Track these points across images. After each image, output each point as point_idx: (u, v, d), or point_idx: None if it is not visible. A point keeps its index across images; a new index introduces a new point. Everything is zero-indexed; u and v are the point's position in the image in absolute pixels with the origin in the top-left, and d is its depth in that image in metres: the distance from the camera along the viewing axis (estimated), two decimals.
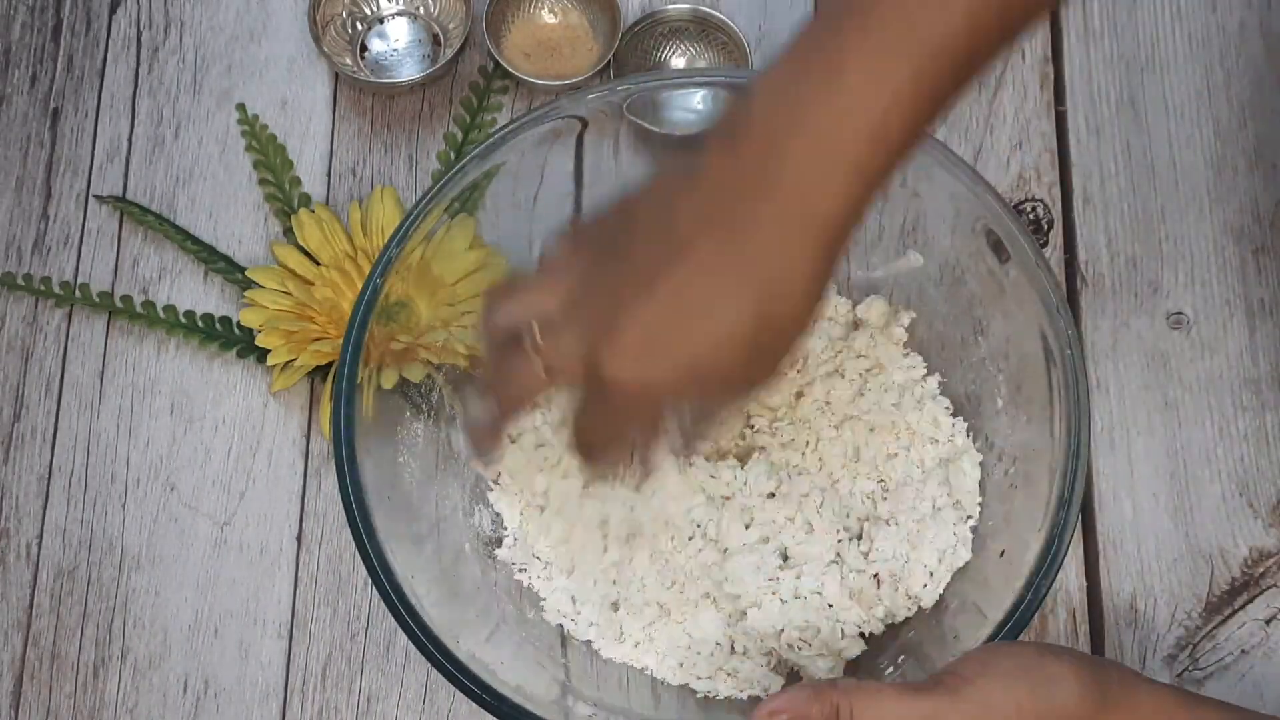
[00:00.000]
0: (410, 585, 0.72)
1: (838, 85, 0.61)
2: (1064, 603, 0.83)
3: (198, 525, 0.85)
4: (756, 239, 0.62)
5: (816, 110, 0.61)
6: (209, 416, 0.87)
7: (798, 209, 0.62)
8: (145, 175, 0.92)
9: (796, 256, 0.63)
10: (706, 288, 0.63)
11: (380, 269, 0.76)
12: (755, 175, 0.62)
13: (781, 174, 0.62)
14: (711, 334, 0.64)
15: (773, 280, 0.63)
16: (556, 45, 0.95)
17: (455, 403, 0.82)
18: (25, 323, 0.89)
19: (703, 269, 0.63)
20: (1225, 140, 0.92)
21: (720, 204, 0.63)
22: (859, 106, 0.61)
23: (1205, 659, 0.81)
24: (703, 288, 0.63)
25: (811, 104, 0.61)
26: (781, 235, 0.62)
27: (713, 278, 0.63)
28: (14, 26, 0.95)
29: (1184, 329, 0.88)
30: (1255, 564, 0.83)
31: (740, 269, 0.63)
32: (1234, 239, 0.90)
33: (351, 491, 0.72)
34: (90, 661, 0.82)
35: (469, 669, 0.70)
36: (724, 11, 0.93)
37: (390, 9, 0.95)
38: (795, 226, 0.62)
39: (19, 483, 0.86)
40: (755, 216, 0.62)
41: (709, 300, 0.63)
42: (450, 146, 0.92)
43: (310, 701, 0.82)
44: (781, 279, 0.63)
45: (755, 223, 0.62)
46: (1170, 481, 0.85)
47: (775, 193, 0.62)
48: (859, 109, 0.61)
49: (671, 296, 0.64)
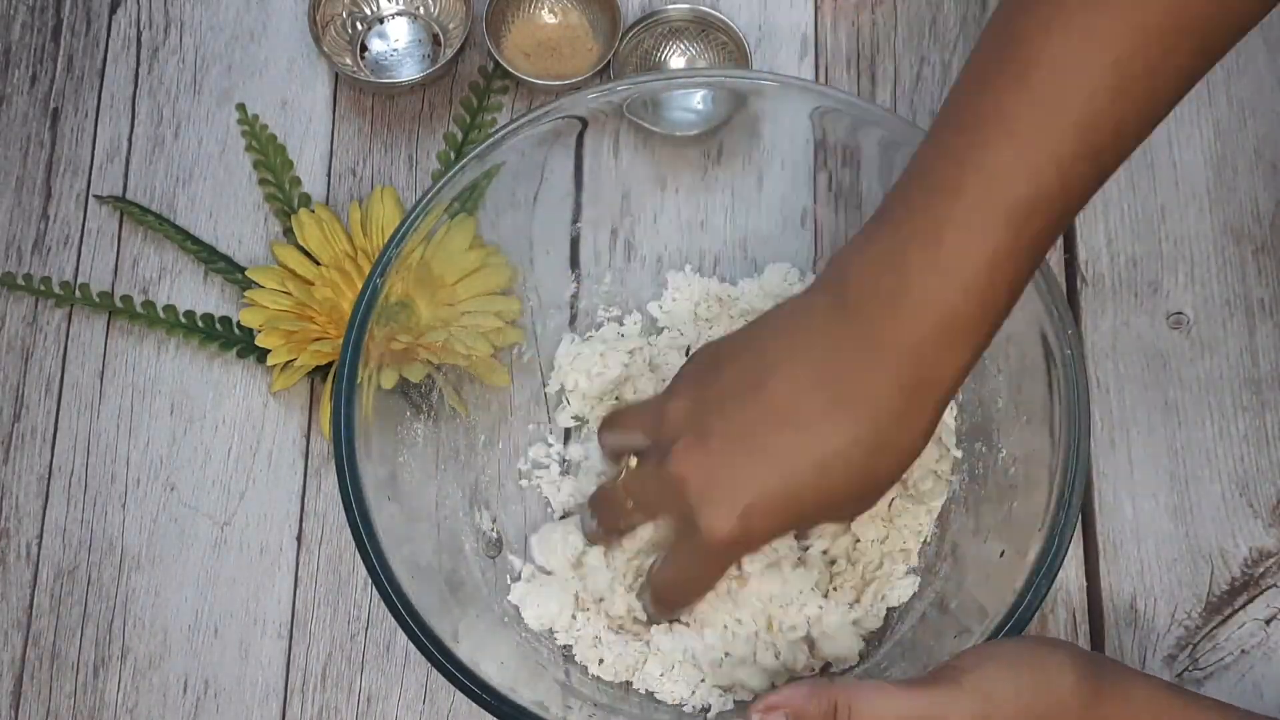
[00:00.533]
0: (410, 586, 0.72)
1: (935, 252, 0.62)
2: (1064, 602, 0.83)
3: (198, 525, 0.85)
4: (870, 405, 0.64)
5: (920, 279, 0.62)
6: (209, 416, 0.87)
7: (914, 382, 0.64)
8: (145, 175, 0.92)
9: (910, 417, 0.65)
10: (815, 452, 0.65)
11: (380, 269, 0.76)
12: (865, 342, 0.64)
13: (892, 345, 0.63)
14: (820, 492, 0.66)
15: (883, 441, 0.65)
16: (556, 45, 0.95)
17: (457, 403, 0.82)
18: (25, 323, 0.89)
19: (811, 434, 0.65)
20: (1225, 140, 0.92)
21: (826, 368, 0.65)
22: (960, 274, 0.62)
23: (1205, 659, 0.81)
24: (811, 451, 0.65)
25: (913, 272, 0.62)
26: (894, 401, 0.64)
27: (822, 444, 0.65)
28: (14, 26, 0.95)
29: (1184, 329, 0.88)
30: (1255, 564, 0.83)
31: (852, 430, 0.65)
32: (1234, 239, 0.90)
33: (351, 492, 0.72)
34: (90, 661, 0.82)
35: (469, 669, 0.70)
36: (724, 11, 0.93)
37: (390, 9, 0.95)
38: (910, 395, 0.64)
39: (19, 483, 0.86)
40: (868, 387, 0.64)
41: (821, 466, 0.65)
42: (450, 146, 0.92)
43: (310, 701, 0.82)
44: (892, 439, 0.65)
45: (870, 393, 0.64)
46: (1170, 481, 0.85)
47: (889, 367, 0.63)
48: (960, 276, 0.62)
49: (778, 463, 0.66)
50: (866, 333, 0.64)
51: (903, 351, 0.63)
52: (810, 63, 0.94)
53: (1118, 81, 0.59)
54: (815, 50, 0.94)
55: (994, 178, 0.61)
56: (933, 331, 0.62)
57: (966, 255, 0.61)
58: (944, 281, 0.62)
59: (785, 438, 0.65)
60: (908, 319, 0.63)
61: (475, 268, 0.83)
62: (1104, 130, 0.60)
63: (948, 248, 0.61)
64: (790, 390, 0.65)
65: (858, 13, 0.95)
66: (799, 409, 0.65)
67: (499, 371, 0.84)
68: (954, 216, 0.61)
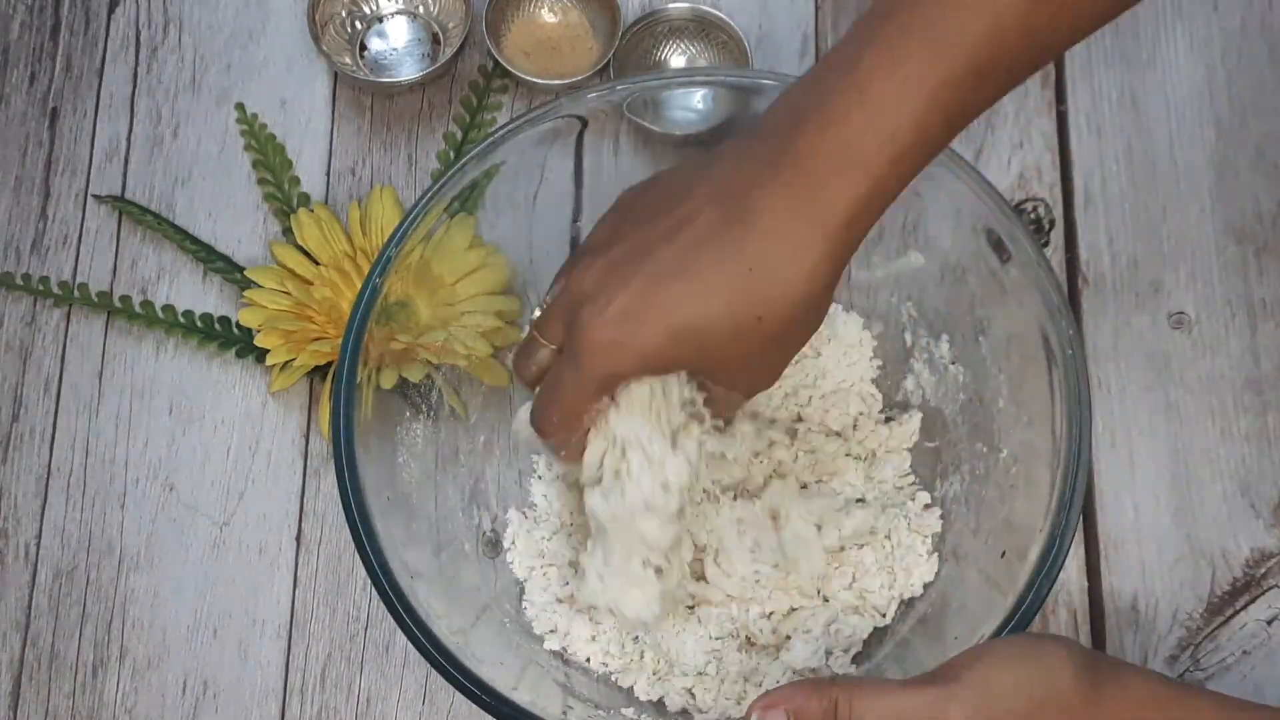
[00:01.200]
0: (410, 586, 0.72)
1: (857, 85, 0.62)
2: (1065, 603, 0.83)
3: (197, 525, 0.85)
4: (760, 222, 0.63)
5: (835, 108, 0.62)
6: (208, 416, 0.87)
7: (805, 199, 0.63)
8: (144, 175, 0.92)
9: (798, 245, 0.63)
10: (701, 260, 0.64)
11: (379, 269, 0.76)
12: (769, 163, 0.63)
13: (795, 165, 0.63)
14: (697, 302, 0.64)
15: (769, 263, 0.64)
16: (556, 44, 0.94)
17: (456, 403, 0.82)
18: (24, 322, 0.89)
19: (700, 242, 0.64)
20: (1226, 140, 0.91)
21: (730, 185, 0.64)
22: (876, 108, 0.62)
23: (1207, 659, 0.81)
24: (698, 259, 0.64)
25: (832, 102, 0.62)
26: (784, 222, 0.63)
27: (709, 251, 0.64)
28: (13, 26, 0.95)
29: (1185, 329, 0.88)
30: (1257, 564, 0.83)
31: (738, 247, 0.64)
32: (1235, 239, 0.89)
33: (351, 493, 0.72)
34: (89, 662, 0.82)
35: (468, 670, 0.70)
36: (724, 11, 0.93)
37: (390, 8, 0.95)
38: (800, 216, 0.63)
39: (17, 483, 0.86)
40: (761, 200, 0.63)
41: (701, 271, 0.64)
42: (450, 146, 0.91)
43: (310, 702, 0.81)
44: (779, 264, 0.64)
45: (761, 206, 0.63)
46: (1172, 482, 0.85)
47: (784, 181, 0.63)
48: (875, 110, 0.62)
49: (665, 266, 0.65)
50: (770, 147, 0.63)
51: (798, 165, 0.63)
52: (810, 61, 0.94)
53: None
54: (815, 49, 0.94)
55: (924, 27, 0.61)
56: (831, 148, 0.62)
57: (882, 98, 0.62)
58: (854, 120, 0.62)
59: (673, 251, 0.65)
60: (810, 133, 0.62)
61: (475, 267, 0.82)
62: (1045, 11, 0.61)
63: (867, 89, 0.62)
64: (690, 208, 0.65)
65: (858, 11, 0.95)
66: (692, 223, 0.65)
67: (499, 371, 0.83)
68: (882, 58, 0.62)
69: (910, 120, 0.62)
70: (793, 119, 0.64)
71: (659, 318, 0.65)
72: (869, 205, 0.64)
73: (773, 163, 0.64)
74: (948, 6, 0.62)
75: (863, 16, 0.65)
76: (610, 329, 0.66)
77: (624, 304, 0.66)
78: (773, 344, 0.67)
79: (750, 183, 0.64)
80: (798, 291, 0.65)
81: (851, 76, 0.63)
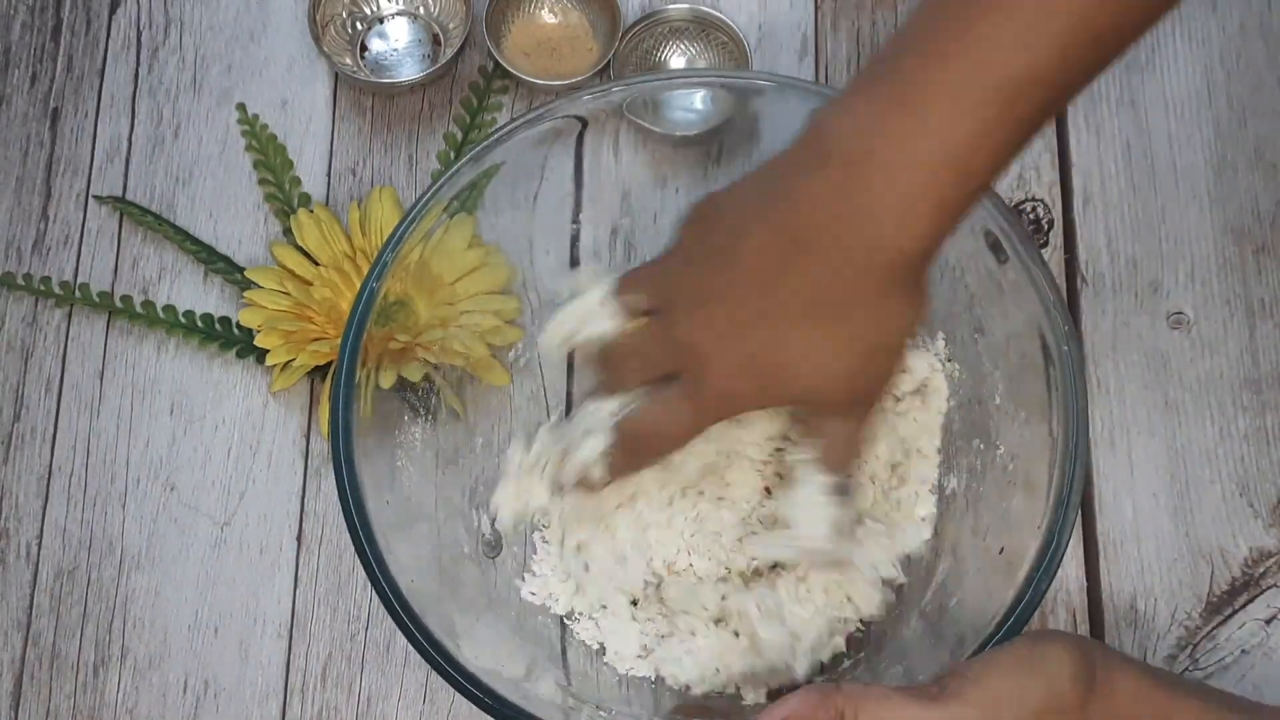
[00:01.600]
0: (410, 588, 0.72)
1: (922, 118, 0.61)
2: (1064, 602, 0.83)
3: (198, 525, 0.85)
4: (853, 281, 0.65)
5: (902, 143, 0.62)
6: (209, 416, 0.87)
7: (888, 245, 0.64)
8: (145, 175, 0.92)
9: (893, 295, 0.65)
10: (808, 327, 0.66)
11: (377, 272, 0.76)
12: (845, 208, 0.63)
13: (870, 208, 0.63)
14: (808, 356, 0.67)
15: (873, 323, 0.66)
16: (556, 45, 0.95)
17: (455, 403, 0.82)
18: (25, 323, 0.89)
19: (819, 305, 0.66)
20: (1225, 140, 0.92)
21: (813, 236, 0.65)
22: (943, 141, 0.61)
23: (1205, 659, 0.81)
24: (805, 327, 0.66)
25: (896, 136, 0.62)
26: (874, 275, 0.64)
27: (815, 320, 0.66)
28: (14, 26, 0.95)
29: (1184, 329, 0.88)
30: (1255, 564, 0.83)
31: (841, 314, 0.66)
32: (1234, 239, 0.90)
33: (350, 494, 0.72)
34: (90, 661, 0.82)
35: (468, 671, 0.70)
36: (724, 11, 0.93)
37: (390, 9, 0.95)
38: (886, 265, 0.64)
39: (19, 483, 0.86)
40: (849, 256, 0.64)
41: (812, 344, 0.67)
42: (450, 146, 0.92)
43: (310, 701, 0.82)
44: (881, 320, 0.66)
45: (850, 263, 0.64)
46: (1170, 481, 0.85)
47: (864, 228, 0.63)
48: (943, 144, 0.61)
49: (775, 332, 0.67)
50: (844, 201, 0.63)
51: (875, 214, 0.63)
52: (810, 63, 0.94)
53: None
54: (815, 50, 0.94)
55: (989, 49, 0.59)
56: (905, 196, 0.62)
57: (950, 124, 0.60)
58: (924, 145, 0.61)
59: (792, 310, 0.66)
60: (882, 181, 0.62)
61: (474, 267, 0.83)
62: (1107, 16, 0.59)
63: (933, 114, 0.61)
64: (799, 266, 0.66)
65: (858, 13, 0.95)
66: (804, 287, 0.66)
67: (498, 371, 0.83)
68: (943, 83, 0.60)
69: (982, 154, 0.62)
70: (855, 156, 0.63)
71: (778, 367, 0.68)
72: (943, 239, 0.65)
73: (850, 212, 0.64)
74: (992, 49, 0.61)
75: (907, 33, 0.63)
76: (733, 380, 0.69)
77: (743, 357, 0.68)
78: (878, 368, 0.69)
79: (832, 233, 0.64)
80: (903, 337, 0.68)
81: (915, 114, 0.62)
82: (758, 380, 0.69)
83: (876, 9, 0.95)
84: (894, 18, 0.95)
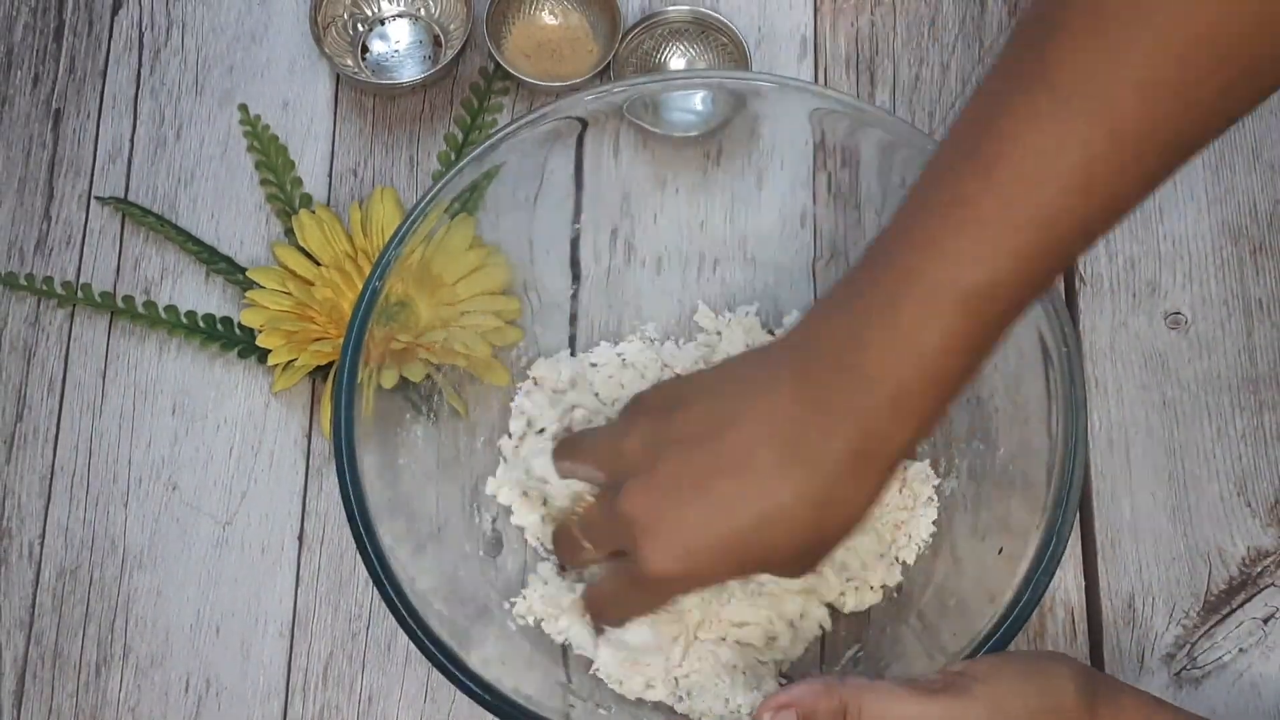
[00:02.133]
0: (412, 587, 0.72)
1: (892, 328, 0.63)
2: (1063, 602, 0.83)
3: (199, 525, 0.85)
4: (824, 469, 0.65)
5: (877, 353, 0.63)
6: (211, 416, 0.87)
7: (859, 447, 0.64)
8: (147, 176, 0.92)
9: (862, 480, 0.65)
10: (768, 501, 0.66)
11: (378, 272, 0.76)
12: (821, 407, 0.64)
13: (846, 412, 0.64)
14: (765, 542, 0.67)
15: (835, 500, 0.66)
16: (557, 46, 0.95)
17: (457, 403, 0.82)
18: (27, 323, 0.89)
19: (764, 480, 0.66)
20: (1224, 140, 0.91)
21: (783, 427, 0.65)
22: (915, 350, 0.63)
23: (1203, 658, 0.82)
24: (762, 501, 0.66)
25: (873, 345, 0.63)
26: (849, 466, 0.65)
27: (775, 491, 0.66)
28: (16, 27, 0.96)
29: (1182, 329, 0.88)
30: (1253, 563, 0.83)
31: (805, 489, 0.65)
32: (1232, 239, 0.90)
33: (352, 494, 0.73)
34: (92, 661, 0.83)
35: (470, 670, 0.70)
36: (724, 13, 0.93)
37: (391, 10, 0.95)
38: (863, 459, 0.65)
39: (21, 482, 0.86)
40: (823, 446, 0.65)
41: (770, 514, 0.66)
42: (451, 147, 0.92)
43: (312, 701, 0.82)
44: (844, 499, 0.66)
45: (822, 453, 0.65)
46: (1168, 481, 0.85)
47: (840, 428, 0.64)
48: (915, 353, 0.63)
49: (728, 506, 0.67)
50: (824, 399, 0.64)
51: (855, 420, 0.64)
52: (809, 64, 0.94)
53: (1085, 182, 0.59)
54: (815, 51, 0.95)
55: (952, 264, 0.61)
56: (884, 404, 0.63)
57: (920, 335, 0.62)
58: (898, 359, 0.63)
59: (735, 487, 0.66)
60: (862, 391, 0.64)
61: (475, 267, 0.83)
62: (1066, 226, 0.60)
63: (903, 328, 0.62)
64: (746, 443, 0.66)
65: (857, 14, 0.95)
66: (752, 462, 0.66)
67: (499, 370, 0.84)
68: (912, 296, 0.62)
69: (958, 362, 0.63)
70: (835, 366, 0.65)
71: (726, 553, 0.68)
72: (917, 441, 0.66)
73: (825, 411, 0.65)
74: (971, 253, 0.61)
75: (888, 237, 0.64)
76: (673, 565, 0.68)
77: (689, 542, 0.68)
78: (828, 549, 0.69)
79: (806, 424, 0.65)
80: (856, 515, 0.67)
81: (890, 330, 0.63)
82: (701, 563, 0.68)
83: (876, 10, 0.95)
84: (893, 18, 0.95)
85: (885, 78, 0.94)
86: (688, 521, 0.67)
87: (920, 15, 0.95)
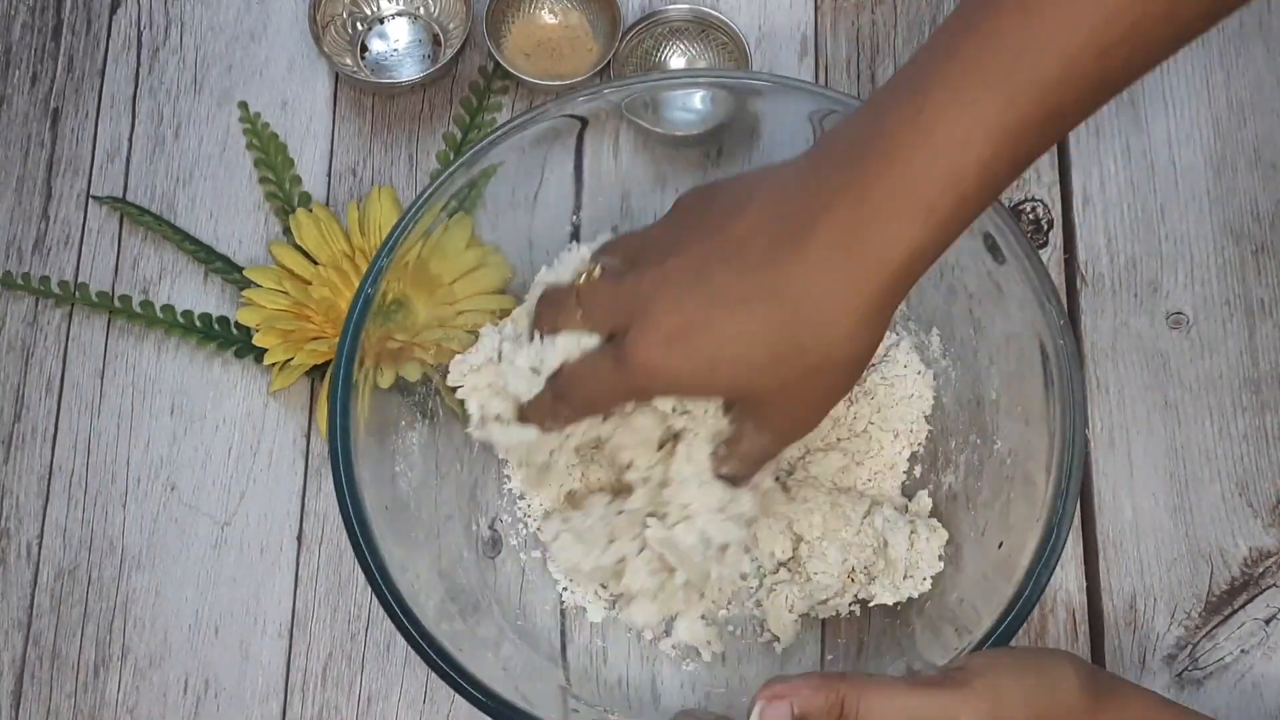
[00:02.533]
0: (410, 590, 0.72)
1: (922, 127, 0.61)
2: (1064, 602, 0.83)
3: (198, 525, 0.85)
4: (810, 256, 0.62)
5: (899, 146, 0.61)
6: (209, 416, 0.87)
7: (859, 240, 0.62)
8: (146, 175, 0.92)
9: (847, 284, 0.62)
10: (750, 288, 0.63)
11: (375, 271, 0.76)
12: (826, 194, 0.62)
13: (852, 202, 0.62)
14: (740, 333, 0.64)
15: (815, 299, 0.63)
16: (556, 45, 0.95)
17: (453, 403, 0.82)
18: (25, 322, 0.89)
19: (750, 269, 0.63)
20: (1225, 140, 0.92)
21: (786, 212, 0.63)
22: (941, 150, 0.60)
23: (1205, 658, 0.82)
24: (746, 288, 0.63)
25: (895, 139, 0.61)
26: (836, 259, 0.62)
27: (758, 280, 0.63)
28: (14, 26, 0.95)
29: (1184, 329, 0.88)
30: (1255, 563, 0.83)
31: (786, 279, 0.63)
32: (1234, 239, 0.90)
33: (348, 495, 0.72)
34: (91, 661, 0.83)
35: (468, 672, 0.70)
36: (724, 11, 0.93)
37: (390, 9, 0.95)
38: (852, 256, 0.62)
39: (19, 482, 0.86)
40: (814, 234, 0.62)
41: (749, 301, 0.63)
42: (450, 146, 0.92)
43: (311, 701, 0.82)
44: (825, 301, 0.63)
45: (813, 240, 0.62)
46: (1170, 481, 0.85)
47: (840, 217, 0.62)
48: (940, 153, 0.60)
49: (716, 291, 0.64)
50: (827, 177, 0.62)
51: (855, 202, 0.61)
52: (810, 63, 0.94)
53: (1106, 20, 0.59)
54: (815, 51, 0.95)
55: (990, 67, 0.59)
56: (892, 187, 0.61)
57: (945, 141, 0.60)
58: (915, 140, 0.61)
59: (724, 275, 0.64)
60: (870, 170, 0.61)
61: (473, 267, 0.83)
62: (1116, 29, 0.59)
63: (929, 131, 0.60)
64: (746, 230, 0.64)
65: (857, 13, 0.95)
66: (745, 248, 0.64)
67: None
68: (944, 100, 0.60)
69: (975, 165, 0.60)
70: (852, 151, 0.62)
71: (702, 347, 0.65)
72: (925, 252, 0.62)
73: (829, 195, 0.62)
74: (1019, 49, 0.60)
75: (927, 47, 0.63)
76: (656, 351, 0.66)
77: (672, 328, 0.65)
78: (812, 382, 0.66)
79: (805, 212, 0.63)
80: (842, 330, 0.63)
81: (916, 118, 0.61)
82: (683, 357, 0.65)
83: (876, 9, 0.95)
84: (894, 17, 0.95)
85: (886, 77, 0.94)
86: (678, 313, 0.65)
87: (921, 14, 0.95)
